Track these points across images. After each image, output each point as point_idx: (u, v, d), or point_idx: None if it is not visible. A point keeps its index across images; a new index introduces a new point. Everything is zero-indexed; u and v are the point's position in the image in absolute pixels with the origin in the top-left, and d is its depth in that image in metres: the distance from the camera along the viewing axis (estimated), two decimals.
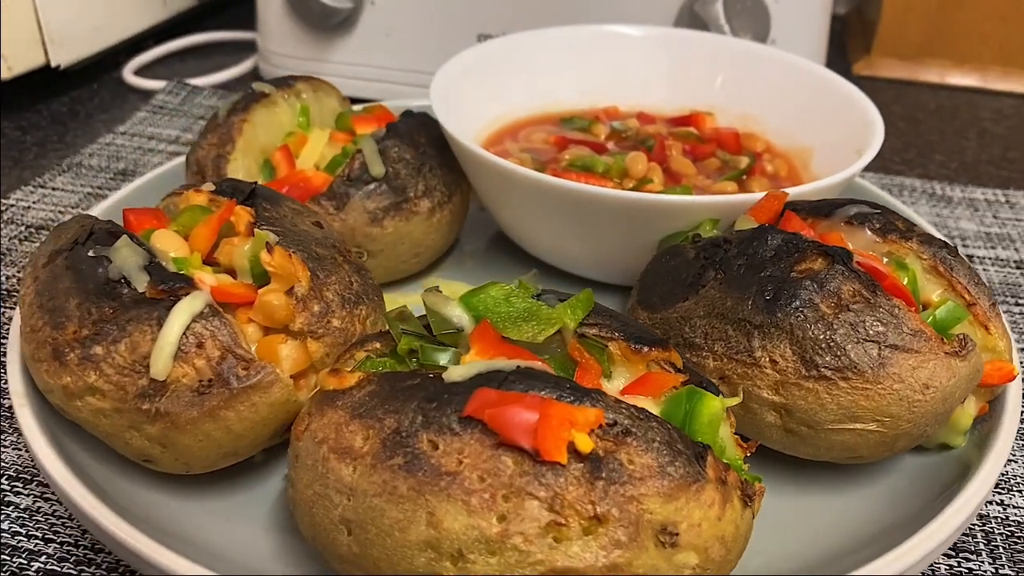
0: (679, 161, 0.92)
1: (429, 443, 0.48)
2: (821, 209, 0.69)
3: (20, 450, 0.70)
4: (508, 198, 0.83)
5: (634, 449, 0.48)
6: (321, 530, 0.51)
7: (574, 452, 0.47)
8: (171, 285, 0.58)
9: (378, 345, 0.58)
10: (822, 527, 0.60)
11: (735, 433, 0.55)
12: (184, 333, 0.56)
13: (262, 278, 0.62)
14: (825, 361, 0.58)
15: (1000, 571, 0.63)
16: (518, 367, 0.50)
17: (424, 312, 0.57)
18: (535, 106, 1.03)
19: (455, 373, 0.51)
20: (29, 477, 0.68)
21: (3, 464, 0.69)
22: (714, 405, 0.53)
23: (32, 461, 0.68)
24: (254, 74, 1.41)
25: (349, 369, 0.55)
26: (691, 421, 0.53)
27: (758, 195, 0.72)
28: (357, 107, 0.98)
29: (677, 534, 0.47)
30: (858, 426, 0.59)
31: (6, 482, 0.67)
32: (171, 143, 1.18)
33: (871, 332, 0.58)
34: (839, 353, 0.58)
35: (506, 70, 1.01)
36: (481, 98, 0.98)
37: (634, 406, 0.50)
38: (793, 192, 0.73)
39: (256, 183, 0.69)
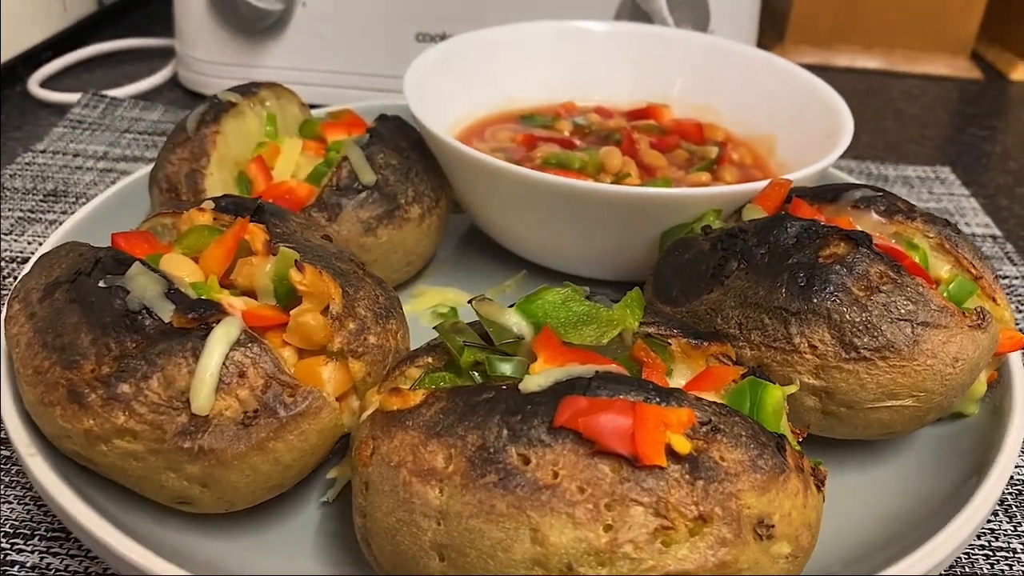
0: (651, 154, 0.93)
1: (519, 457, 0.47)
2: (826, 194, 0.71)
3: (18, 504, 0.64)
4: (497, 197, 0.81)
5: (724, 446, 0.48)
6: (407, 558, 0.48)
7: (671, 454, 0.47)
8: (201, 313, 0.54)
9: (430, 360, 0.55)
10: (868, 503, 0.62)
11: None
12: (224, 363, 0.52)
13: (286, 298, 0.59)
14: (864, 342, 0.59)
15: (1018, 528, 0.66)
16: (597, 372, 0.49)
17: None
18: (494, 105, 1.02)
19: (532, 383, 0.49)
20: (29, 533, 0.62)
21: None
22: (777, 394, 0.54)
23: (37, 513, 0.63)
24: (174, 82, 1.34)
25: (408, 387, 0.53)
26: (758, 412, 0.53)
27: (760, 184, 0.74)
28: (317, 112, 0.94)
29: (773, 526, 0.48)
30: (895, 403, 0.60)
31: (4, 540, 0.61)
32: (99, 159, 1.11)
33: (903, 311, 0.60)
34: (876, 334, 0.59)
35: (465, 70, 1.00)
36: (445, 99, 0.96)
37: (715, 403, 0.50)
38: (795, 178, 0.74)
39: (260, 198, 0.65)
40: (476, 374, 0.53)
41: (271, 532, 0.59)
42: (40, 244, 0.93)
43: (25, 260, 0.90)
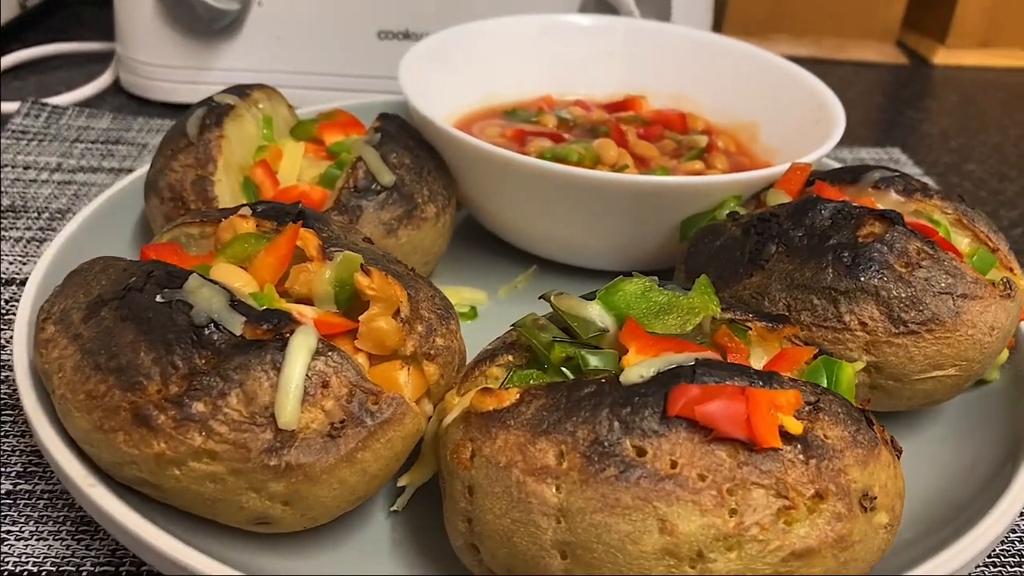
0: (642, 145, 0.94)
1: (635, 449, 0.47)
2: (845, 176, 0.73)
3: (54, 540, 0.59)
4: (509, 191, 0.81)
5: (826, 424, 0.49)
6: (526, 560, 0.47)
7: (783, 435, 0.47)
8: (275, 323, 0.51)
9: (510, 357, 0.55)
10: (915, 473, 0.64)
11: None
12: (307, 373, 0.50)
13: (346, 304, 0.57)
14: (911, 316, 0.62)
15: None
16: (696, 360, 0.50)
17: None
18: (477, 100, 1.01)
19: (633, 374, 0.49)
20: (74, 570, 0.58)
21: (36, 559, 0.58)
22: (849, 371, 0.55)
23: (79, 548, 0.59)
24: (116, 88, 1.27)
25: (495, 386, 0.52)
26: (835, 389, 0.54)
27: (780, 168, 0.75)
28: (301, 113, 0.91)
29: (875, 497, 0.49)
30: (939, 373, 0.63)
31: None
32: (54, 171, 1.04)
33: (944, 285, 0.62)
34: (922, 308, 0.62)
35: (450, 65, 0.98)
36: (434, 95, 0.94)
37: (810, 383, 0.51)
38: (807, 162, 0.76)
39: (299, 203, 0.63)
40: (565, 369, 0.52)
41: (345, 547, 0.57)
42: (19, 262, 0.87)
43: (11, 281, 0.84)
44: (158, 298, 0.52)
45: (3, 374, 0.73)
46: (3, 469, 0.65)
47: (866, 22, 1.60)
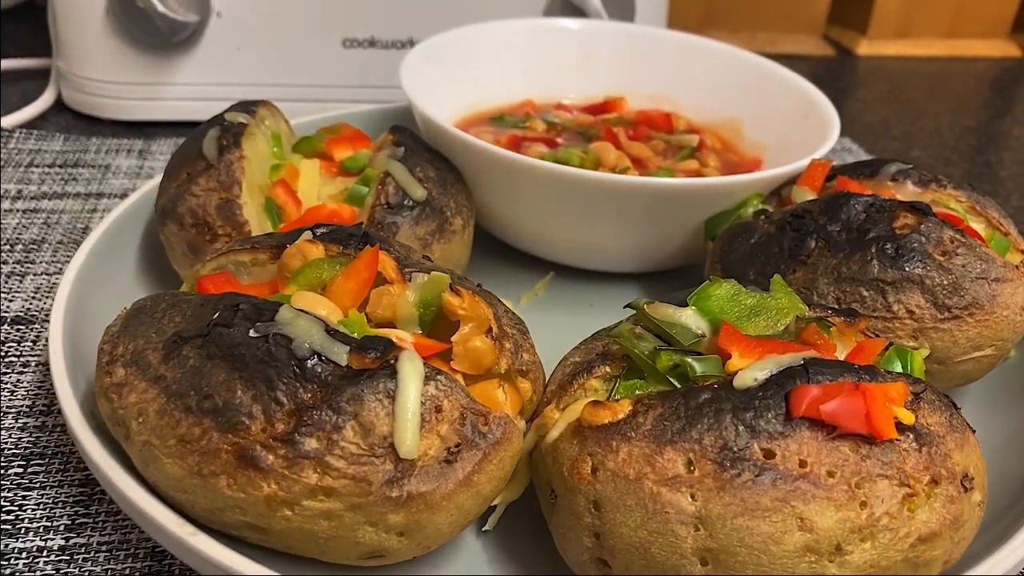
0: (636, 146, 0.95)
1: (763, 452, 0.48)
2: (864, 170, 0.76)
3: None
4: (528, 197, 0.80)
5: (927, 412, 0.51)
6: (665, 568, 0.48)
7: (896, 426, 0.49)
8: (381, 351, 0.50)
9: (608, 368, 0.55)
10: None
11: None
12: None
13: (430, 325, 0.56)
14: (954, 302, 0.65)
15: None
16: (804, 360, 0.51)
17: None
18: (463, 108, 1.01)
19: (747, 378, 0.50)
20: None
21: None
22: (919, 359, 0.58)
23: None
24: (60, 106, 1.20)
25: (599, 399, 0.52)
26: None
27: (800, 165, 0.78)
28: (296, 127, 0.88)
29: (972, 478, 0.52)
30: (979, 354, 0.67)
31: None
32: (16, 199, 0.98)
33: (979, 270, 0.66)
34: (963, 293, 0.65)
35: (439, 73, 0.97)
36: (433, 104, 0.93)
37: (905, 373, 0.53)
38: (809, 161, 0.79)
39: (362, 224, 0.61)
40: (671, 377, 0.53)
41: (444, 570, 0.56)
42: (6, 300, 0.81)
43: (14, 320, 0.79)
44: (252, 333, 0.50)
45: (6, 421, 0.68)
46: (50, 524, 0.61)
47: (794, 17, 1.67)
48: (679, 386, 0.52)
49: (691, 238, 0.82)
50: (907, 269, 0.65)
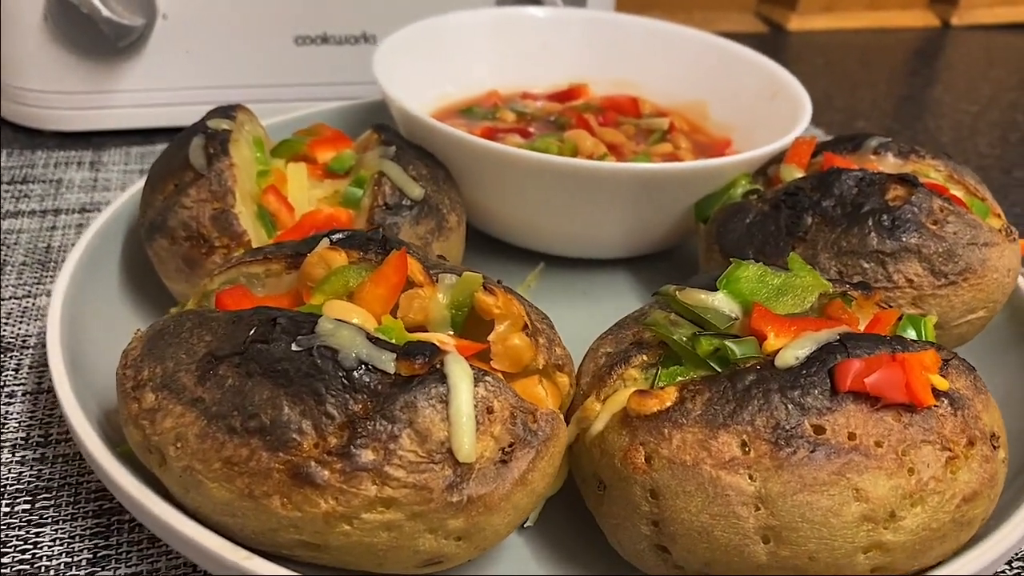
0: (608, 132, 0.96)
1: (814, 428, 0.49)
2: (846, 145, 0.78)
3: None
4: (522, 189, 0.80)
5: (955, 376, 0.53)
6: (728, 550, 0.49)
7: (933, 392, 0.51)
8: (427, 356, 0.49)
9: (645, 357, 0.55)
10: None
11: None
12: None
13: (461, 326, 0.55)
14: (949, 268, 0.68)
15: None
16: (840, 335, 0.52)
17: None
18: (431, 102, 1.00)
19: (788, 357, 0.51)
20: None
21: None
22: (931, 325, 0.60)
23: None
24: None
25: (638, 388, 0.53)
26: None
27: (779, 144, 0.80)
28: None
29: (998, 436, 0.54)
30: (972, 316, 0.69)
31: None
32: None
33: (969, 236, 0.69)
34: (957, 259, 0.68)
35: (404, 69, 0.96)
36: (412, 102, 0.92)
37: (930, 341, 0.55)
38: (789, 140, 0.81)
39: (380, 228, 0.60)
40: (711, 362, 0.53)
41: (493, 569, 0.56)
42: None
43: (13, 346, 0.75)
44: (294, 347, 0.49)
45: (3, 456, 0.65)
46: (71, 560, 0.58)
47: None
48: (719, 370, 0.53)
49: (680, 221, 0.83)
50: (904, 239, 0.68)
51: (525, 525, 0.59)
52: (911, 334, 0.59)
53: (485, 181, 0.81)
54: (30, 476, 0.64)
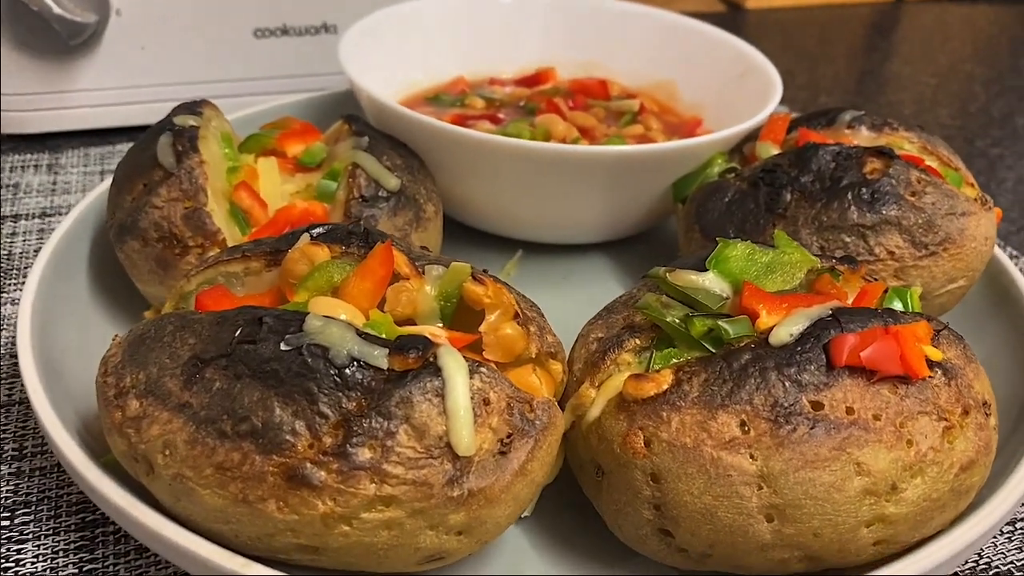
0: (579, 116, 0.95)
1: (812, 404, 0.49)
2: (820, 120, 0.78)
3: None
4: (498, 175, 0.79)
5: (946, 346, 0.54)
6: (732, 531, 0.48)
7: (928, 364, 0.51)
8: (421, 350, 0.48)
9: (638, 341, 0.55)
10: None
11: None
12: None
13: (451, 318, 0.54)
14: (929, 239, 0.68)
15: None
16: (832, 310, 0.52)
17: None
18: (398, 90, 0.98)
19: (783, 334, 0.51)
20: None
21: None
22: (916, 296, 0.60)
23: None
24: None
25: (630, 372, 0.52)
26: None
27: (754, 121, 0.79)
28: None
29: (990, 404, 0.54)
30: (953, 286, 0.70)
31: None
32: None
33: (947, 207, 0.69)
34: (937, 230, 0.68)
35: (370, 58, 0.94)
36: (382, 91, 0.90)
37: (919, 312, 0.55)
38: (763, 118, 0.81)
39: (359, 220, 0.58)
40: (704, 342, 0.53)
41: (494, 562, 0.55)
42: None
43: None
44: (283, 346, 0.47)
45: None
46: (54, 574, 0.56)
47: None
48: (713, 351, 0.52)
49: (657, 203, 0.82)
50: (884, 212, 0.68)
51: (522, 516, 0.58)
52: (897, 306, 0.59)
53: (460, 169, 0.80)
54: (7, 491, 0.62)
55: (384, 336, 0.50)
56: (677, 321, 0.53)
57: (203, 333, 0.50)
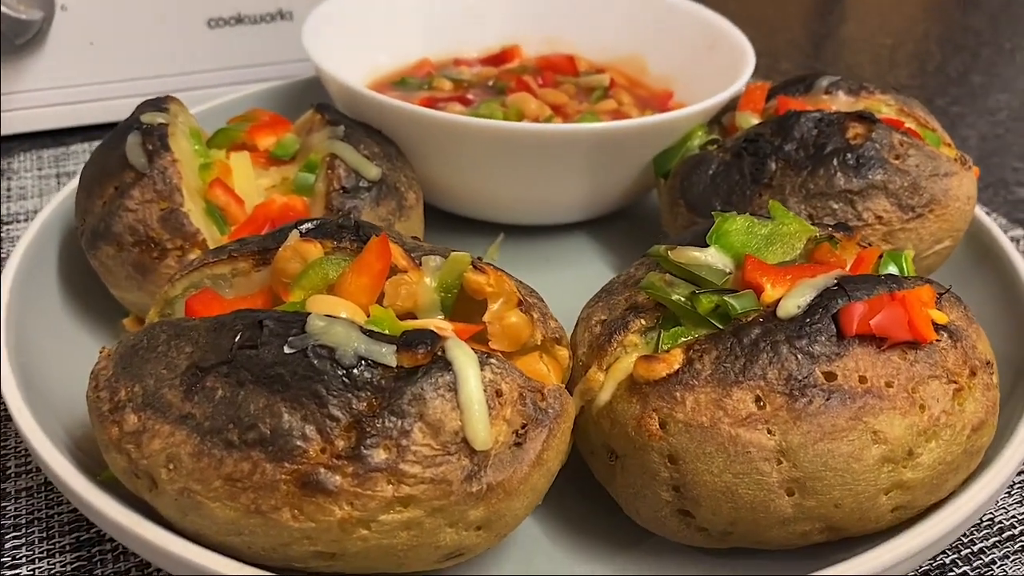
0: (551, 93, 0.94)
1: (825, 375, 0.49)
2: (798, 87, 0.78)
3: None
4: (477, 159, 0.78)
5: (948, 308, 0.54)
6: (752, 507, 0.48)
7: (934, 327, 0.51)
8: (429, 345, 0.47)
9: (642, 321, 0.54)
10: None
11: None
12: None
13: (451, 309, 0.53)
14: (915, 202, 0.68)
15: None
16: (837, 280, 0.52)
17: None
18: (364, 75, 0.96)
19: (790, 307, 0.51)
20: None
21: None
22: (910, 259, 0.60)
23: None
24: None
25: (637, 353, 0.52)
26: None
27: (731, 91, 0.79)
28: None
29: (992, 363, 0.55)
30: (939, 246, 0.70)
31: None
32: None
33: (930, 168, 0.69)
34: (922, 192, 0.68)
35: (334, 43, 0.91)
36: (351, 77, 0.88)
37: (920, 276, 0.55)
38: (736, 90, 0.80)
39: (350, 213, 0.57)
40: (711, 319, 0.52)
41: (510, 553, 0.55)
42: None
43: None
44: (286, 349, 0.46)
45: None
46: None
47: None
48: (721, 327, 0.52)
49: (638, 178, 0.82)
50: (870, 177, 0.68)
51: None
52: (893, 270, 0.59)
53: (438, 153, 0.78)
54: None
55: (388, 332, 0.49)
56: (683, 299, 0.53)
57: (200, 340, 0.48)
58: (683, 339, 0.52)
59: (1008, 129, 1.19)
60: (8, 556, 0.57)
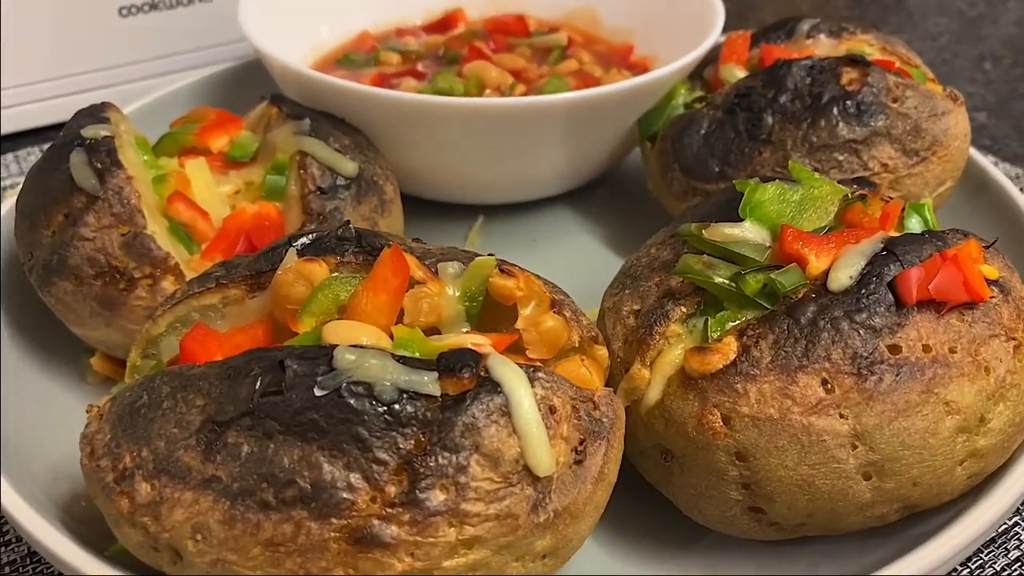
0: (508, 58, 0.89)
1: (889, 348, 0.46)
2: (779, 34, 0.75)
3: None
4: (451, 141, 0.72)
5: (992, 261, 0.52)
6: (832, 496, 0.45)
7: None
8: (473, 367, 0.42)
9: (683, 309, 0.50)
10: None
11: None
12: None
13: (476, 319, 0.48)
14: (918, 145, 0.66)
15: None
16: (883, 245, 0.49)
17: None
18: (305, 55, 0.89)
19: (842, 278, 0.48)
20: None
21: None
22: (931, 207, 0.58)
23: None
24: None
25: (682, 345, 0.48)
26: (932, 227, 0.57)
27: (709, 43, 0.75)
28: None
29: None
30: (942, 188, 0.69)
31: None
32: None
33: (927, 109, 0.67)
34: (924, 135, 0.66)
35: (270, 25, 0.84)
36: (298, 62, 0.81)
37: (954, 229, 0.53)
38: (706, 48, 0.76)
39: (348, 222, 0.51)
40: (762, 298, 0.49)
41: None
42: None
43: None
44: (316, 391, 0.41)
45: None
46: None
47: None
48: (768, 307, 0.48)
49: (619, 143, 0.77)
50: (872, 124, 0.65)
51: None
52: (917, 222, 0.56)
53: (408, 138, 0.73)
54: None
55: (420, 355, 0.44)
56: (726, 281, 0.49)
57: (212, 391, 0.42)
58: (731, 324, 0.49)
59: (955, 53, 1.18)
60: None
